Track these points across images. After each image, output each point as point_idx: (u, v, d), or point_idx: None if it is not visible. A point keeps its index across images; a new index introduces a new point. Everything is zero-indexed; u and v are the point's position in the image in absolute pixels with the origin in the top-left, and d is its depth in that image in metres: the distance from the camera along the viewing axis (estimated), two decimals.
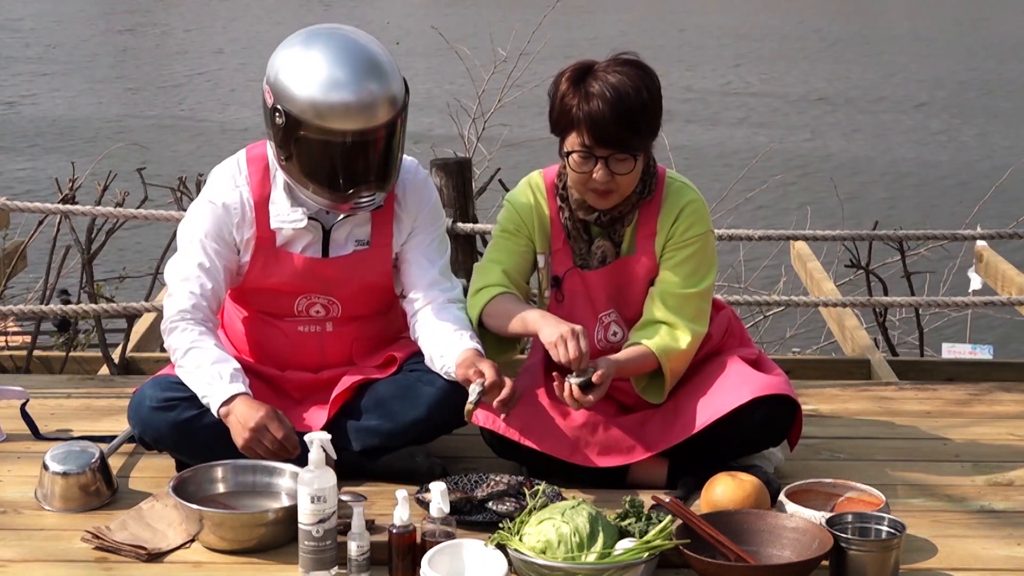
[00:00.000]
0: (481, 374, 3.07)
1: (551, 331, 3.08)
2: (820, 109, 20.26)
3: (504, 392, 3.06)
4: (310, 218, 3.29)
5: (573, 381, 3.06)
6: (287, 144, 3.18)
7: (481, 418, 3.26)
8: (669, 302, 3.25)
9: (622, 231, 3.30)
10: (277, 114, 3.17)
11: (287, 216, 3.29)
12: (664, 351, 3.21)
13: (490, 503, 3.05)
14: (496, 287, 3.32)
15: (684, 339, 3.23)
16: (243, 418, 3.10)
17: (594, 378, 3.06)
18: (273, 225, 3.29)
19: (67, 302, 6.31)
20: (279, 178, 3.29)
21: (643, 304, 3.32)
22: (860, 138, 18.18)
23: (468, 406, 3.06)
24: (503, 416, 3.18)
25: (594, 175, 3.15)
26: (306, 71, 3.13)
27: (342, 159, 3.15)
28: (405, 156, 3.39)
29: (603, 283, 3.33)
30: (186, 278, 3.29)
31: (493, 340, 3.35)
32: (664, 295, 3.26)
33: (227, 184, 3.32)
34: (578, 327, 3.07)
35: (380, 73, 3.17)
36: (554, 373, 3.11)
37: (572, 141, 3.17)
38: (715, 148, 16.93)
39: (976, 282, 5.77)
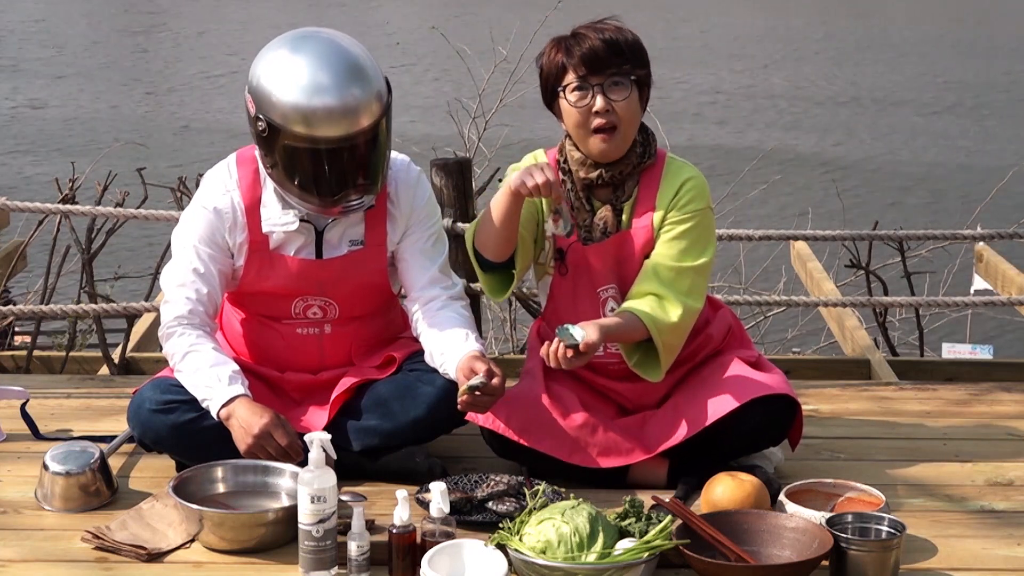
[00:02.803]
0: (490, 373, 3.07)
1: (515, 176, 3.09)
2: (822, 110, 20.27)
3: (495, 380, 3.07)
4: (302, 220, 3.28)
5: (565, 343, 3.05)
6: (271, 152, 3.17)
7: (481, 418, 3.26)
8: (662, 274, 3.24)
9: (624, 199, 3.30)
10: (259, 122, 3.15)
11: (278, 219, 3.28)
12: (653, 321, 3.18)
13: (490, 503, 3.05)
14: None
15: (675, 312, 3.19)
16: (246, 424, 3.09)
17: (581, 347, 3.05)
18: (265, 229, 3.29)
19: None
20: (269, 181, 3.29)
21: None
22: (861, 138, 18.19)
23: (462, 389, 3.08)
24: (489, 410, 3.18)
25: (593, 108, 3.18)
26: (287, 77, 3.11)
27: (327, 165, 3.14)
28: (397, 154, 3.38)
29: (603, 257, 3.31)
30: (182, 284, 3.28)
31: (494, 280, 3.33)
32: (657, 267, 3.25)
33: (218, 189, 3.31)
34: (541, 161, 3.12)
35: (362, 76, 3.15)
36: (544, 345, 3.11)
37: (568, 79, 3.22)
38: (716, 148, 16.93)
39: (979, 283, 5.76)
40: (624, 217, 3.31)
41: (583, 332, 3.06)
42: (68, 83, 21.98)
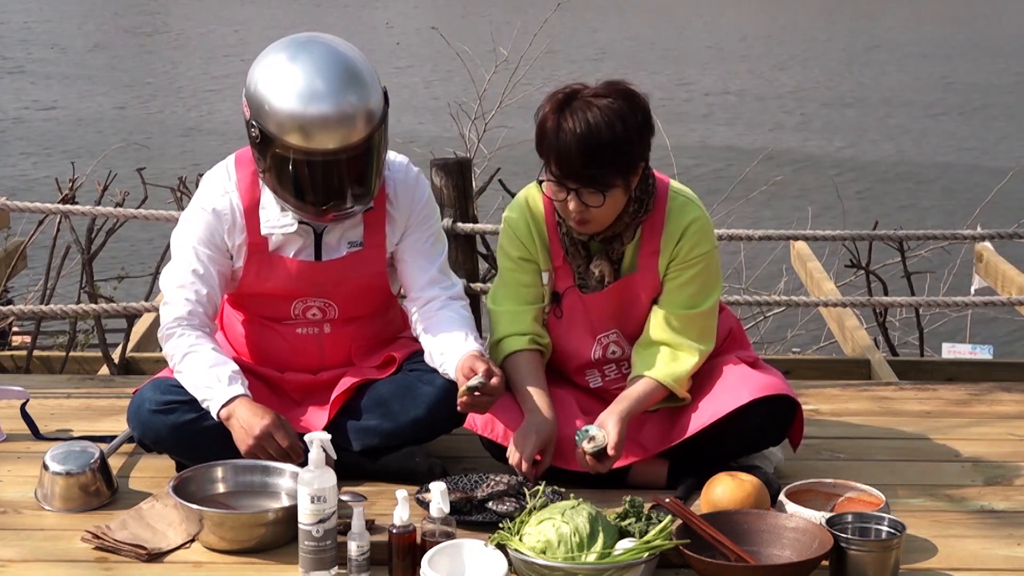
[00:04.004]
0: (489, 373, 3.07)
1: (519, 449, 3.16)
2: (823, 110, 20.26)
3: (494, 380, 3.07)
4: (301, 222, 3.26)
5: (587, 449, 3.10)
6: (264, 158, 3.15)
7: (479, 425, 3.25)
8: (673, 323, 3.24)
9: (621, 249, 3.27)
10: (253, 128, 3.15)
11: (277, 221, 3.27)
12: (674, 379, 3.22)
13: (490, 503, 3.05)
14: (513, 337, 3.31)
15: (690, 360, 3.23)
16: (247, 425, 3.09)
17: (608, 450, 3.09)
18: (263, 231, 3.28)
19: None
20: None
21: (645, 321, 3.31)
22: (861, 138, 18.18)
23: (462, 391, 3.08)
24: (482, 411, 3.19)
25: (567, 204, 3.13)
26: (283, 86, 3.08)
27: (320, 175, 3.11)
28: (396, 155, 3.37)
29: (603, 305, 3.30)
30: (181, 285, 3.28)
31: None
32: (668, 316, 3.24)
33: (217, 190, 3.30)
34: (529, 438, 3.14)
35: (358, 86, 3.11)
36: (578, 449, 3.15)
37: (545, 171, 3.15)
38: (716, 148, 16.93)
39: (979, 283, 5.77)
40: (627, 260, 3.28)
41: (603, 433, 3.10)
42: (72, 84, 21.97)
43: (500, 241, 3.40)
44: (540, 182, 3.18)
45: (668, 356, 3.23)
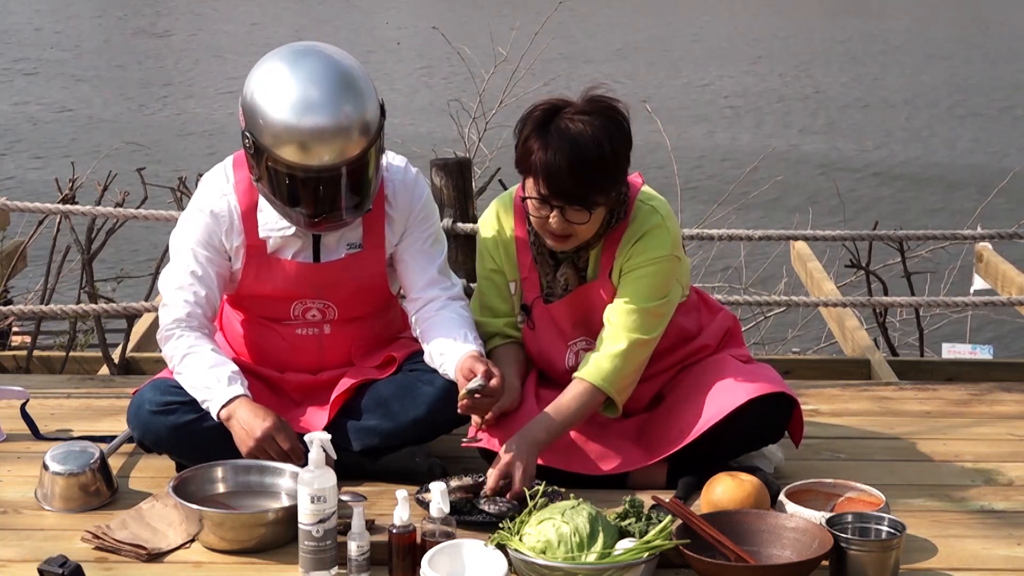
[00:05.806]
0: (488, 374, 3.07)
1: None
2: (822, 109, 20.27)
3: (494, 382, 3.06)
4: None
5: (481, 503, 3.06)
6: (258, 166, 3.15)
7: (484, 439, 3.24)
8: (612, 317, 3.21)
9: (587, 255, 3.27)
10: (246, 139, 3.14)
11: (275, 224, 3.26)
12: (601, 376, 3.18)
13: (482, 503, 3.03)
14: (497, 337, 3.37)
15: (616, 346, 3.17)
16: (247, 426, 3.09)
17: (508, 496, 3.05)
18: (261, 234, 3.27)
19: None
20: None
21: None
22: (862, 139, 18.19)
23: (462, 393, 3.07)
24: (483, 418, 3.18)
25: (550, 221, 3.12)
26: (277, 100, 3.06)
27: (310, 190, 3.11)
28: (395, 155, 3.36)
29: (567, 313, 3.31)
30: (180, 287, 3.27)
31: None
32: (610, 311, 3.22)
33: (215, 192, 3.29)
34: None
35: (353, 97, 3.09)
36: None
37: (530, 186, 3.12)
38: (716, 148, 16.94)
39: (979, 283, 5.77)
40: (590, 267, 3.28)
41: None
42: (76, 85, 21.97)
43: (478, 249, 3.42)
44: (524, 199, 3.17)
45: (600, 355, 3.19)
